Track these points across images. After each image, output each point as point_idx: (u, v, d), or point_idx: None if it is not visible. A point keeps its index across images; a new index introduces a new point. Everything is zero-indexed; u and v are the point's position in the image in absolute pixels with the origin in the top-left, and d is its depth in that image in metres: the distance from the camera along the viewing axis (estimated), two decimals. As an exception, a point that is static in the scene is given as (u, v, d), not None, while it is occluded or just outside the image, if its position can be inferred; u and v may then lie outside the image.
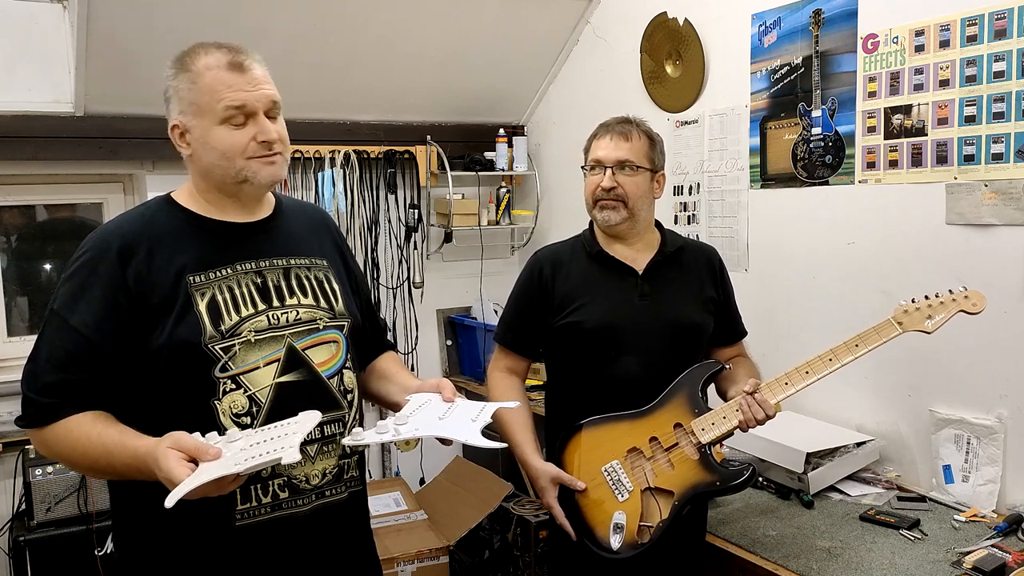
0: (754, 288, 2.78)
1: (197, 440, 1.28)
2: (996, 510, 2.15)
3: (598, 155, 1.99)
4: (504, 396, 2.02)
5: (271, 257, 1.54)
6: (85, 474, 1.47)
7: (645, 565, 1.84)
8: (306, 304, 1.54)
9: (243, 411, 1.42)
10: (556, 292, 2.01)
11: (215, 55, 1.45)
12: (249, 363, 1.44)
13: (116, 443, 1.35)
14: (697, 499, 1.85)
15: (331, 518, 1.53)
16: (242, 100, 1.44)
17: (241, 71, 1.45)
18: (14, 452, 2.98)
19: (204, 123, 1.44)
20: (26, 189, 3.27)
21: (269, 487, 1.44)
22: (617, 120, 2.03)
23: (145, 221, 1.49)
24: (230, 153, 1.45)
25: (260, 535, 1.45)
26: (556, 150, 3.84)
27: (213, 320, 1.43)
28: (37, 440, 1.43)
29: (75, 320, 1.40)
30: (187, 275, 1.45)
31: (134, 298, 1.41)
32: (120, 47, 2.91)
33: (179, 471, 1.23)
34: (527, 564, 3.05)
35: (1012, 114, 2.10)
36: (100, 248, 1.44)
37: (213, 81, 1.43)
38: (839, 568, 1.89)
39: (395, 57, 3.38)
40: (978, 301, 1.80)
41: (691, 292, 2.02)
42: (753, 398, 1.82)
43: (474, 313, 3.95)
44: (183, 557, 1.44)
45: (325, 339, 1.54)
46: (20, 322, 3.35)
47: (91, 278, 1.42)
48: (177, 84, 1.46)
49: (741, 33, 2.82)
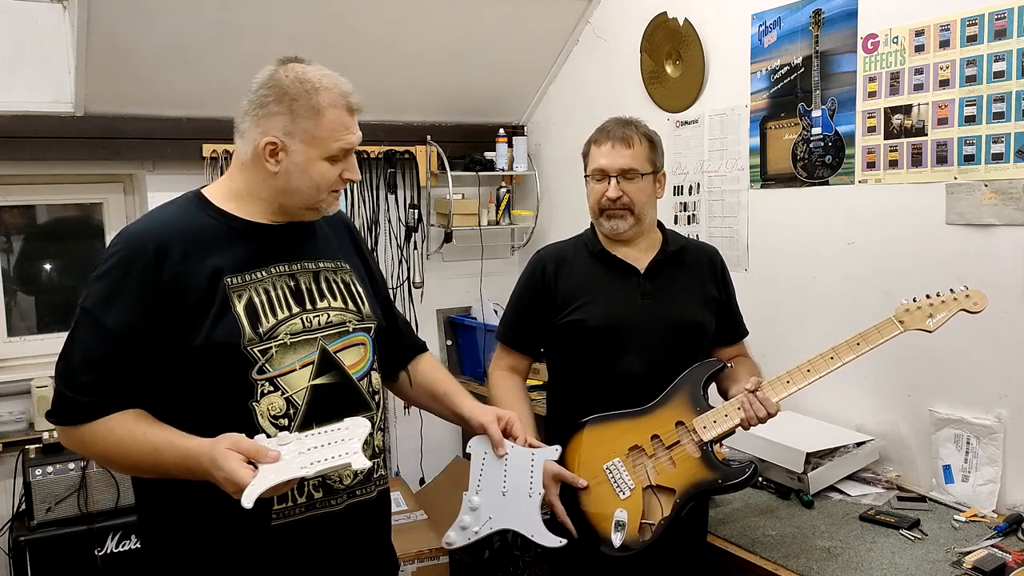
0: (754, 288, 2.78)
1: (256, 442, 1.32)
2: (996, 510, 2.14)
3: (600, 163, 1.97)
4: (506, 395, 2.02)
5: (301, 260, 1.56)
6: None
7: (646, 564, 1.84)
8: (336, 307, 1.56)
9: (280, 413, 1.44)
10: (559, 291, 2.02)
11: (336, 91, 1.49)
12: (285, 365, 1.45)
13: (165, 442, 1.36)
14: (699, 497, 1.85)
15: (362, 516, 1.55)
16: (352, 144, 1.52)
17: (352, 114, 1.52)
18: (14, 452, 2.98)
19: (311, 153, 1.48)
20: (26, 189, 3.28)
21: (304, 487, 1.46)
22: (616, 124, 2.00)
23: (178, 220, 1.49)
24: (323, 185, 1.51)
25: (295, 534, 1.46)
26: (556, 150, 3.84)
27: (251, 322, 1.44)
28: (70, 437, 1.43)
29: (109, 321, 1.39)
30: (224, 276, 1.45)
31: (170, 299, 1.41)
32: (120, 47, 2.91)
33: (242, 472, 1.26)
34: (527, 564, 3.06)
35: (1012, 114, 2.10)
36: (134, 247, 1.43)
37: (335, 120, 1.48)
38: (839, 568, 1.89)
39: (395, 57, 3.38)
40: (979, 300, 1.80)
41: (693, 292, 2.03)
42: (755, 396, 1.82)
43: (474, 313, 3.95)
44: (217, 556, 1.45)
45: (354, 341, 1.57)
46: (20, 322, 3.35)
47: (125, 278, 1.41)
48: (295, 106, 1.45)
49: (741, 33, 2.82)
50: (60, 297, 3.46)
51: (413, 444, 3.81)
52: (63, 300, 3.45)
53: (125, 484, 2.91)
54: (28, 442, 2.99)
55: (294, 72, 1.48)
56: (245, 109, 1.50)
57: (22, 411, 3.15)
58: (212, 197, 1.54)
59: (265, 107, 1.47)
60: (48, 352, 3.31)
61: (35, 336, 3.35)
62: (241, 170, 1.54)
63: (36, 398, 3.06)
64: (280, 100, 1.46)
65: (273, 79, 1.48)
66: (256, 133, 1.47)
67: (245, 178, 1.53)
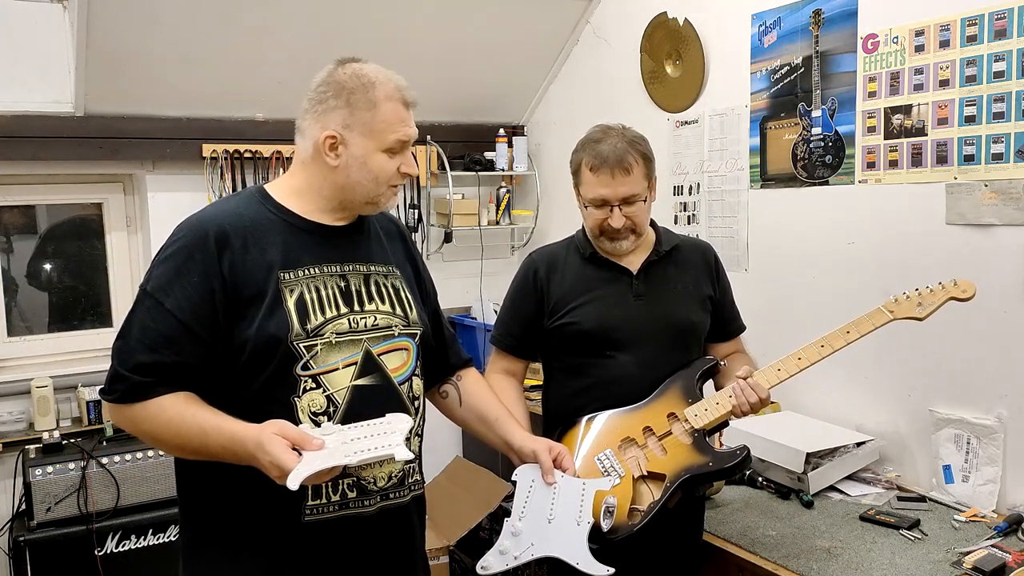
0: (754, 288, 2.78)
1: (301, 430, 1.36)
2: (996, 510, 2.15)
3: (602, 194, 1.90)
4: (502, 399, 2.01)
5: (354, 262, 1.58)
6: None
7: (643, 564, 1.84)
8: (383, 311, 1.58)
9: (320, 410, 1.46)
10: (551, 294, 2.01)
11: (391, 85, 1.54)
12: (329, 363, 1.47)
13: (213, 426, 1.39)
14: (691, 483, 1.81)
15: (394, 520, 1.56)
16: (409, 136, 1.55)
17: (408, 108, 1.56)
18: (14, 452, 2.98)
19: (370, 145, 1.51)
20: (26, 189, 3.28)
21: (339, 486, 1.47)
22: (610, 146, 1.89)
23: (239, 213, 1.51)
24: (382, 178, 1.54)
25: (326, 532, 1.48)
26: (556, 150, 3.83)
27: (300, 318, 1.46)
28: (122, 415, 1.45)
29: (170, 303, 1.42)
30: (277, 270, 1.48)
31: (228, 288, 1.44)
32: (120, 47, 2.91)
33: (287, 457, 1.30)
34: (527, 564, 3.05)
35: (1012, 114, 2.10)
36: (197, 235, 1.46)
37: (392, 112, 1.52)
38: (839, 568, 1.89)
39: (395, 57, 3.34)
40: (967, 288, 1.80)
41: (687, 290, 2.02)
42: (746, 382, 1.82)
43: (474, 313, 3.95)
44: (250, 547, 1.47)
45: (398, 346, 1.58)
46: (20, 322, 3.35)
47: (188, 263, 1.44)
48: (353, 99, 1.49)
49: (741, 33, 2.82)
50: (60, 297, 3.46)
51: (413, 444, 3.80)
52: (63, 300, 3.45)
53: (125, 484, 2.91)
54: (28, 442, 3.00)
55: (351, 69, 1.53)
56: (305, 108, 1.54)
57: (22, 411, 3.15)
58: (274, 193, 1.57)
59: (324, 103, 1.51)
60: (48, 352, 3.32)
61: (35, 336, 3.35)
62: (302, 168, 1.57)
63: (36, 398, 3.06)
64: (338, 95, 1.50)
65: (332, 76, 1.52)
66: (316, 129, 1.51)
67: (306, 175, 1.56)
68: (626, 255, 2.00)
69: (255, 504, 1.42)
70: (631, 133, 1.96)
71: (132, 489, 2.94)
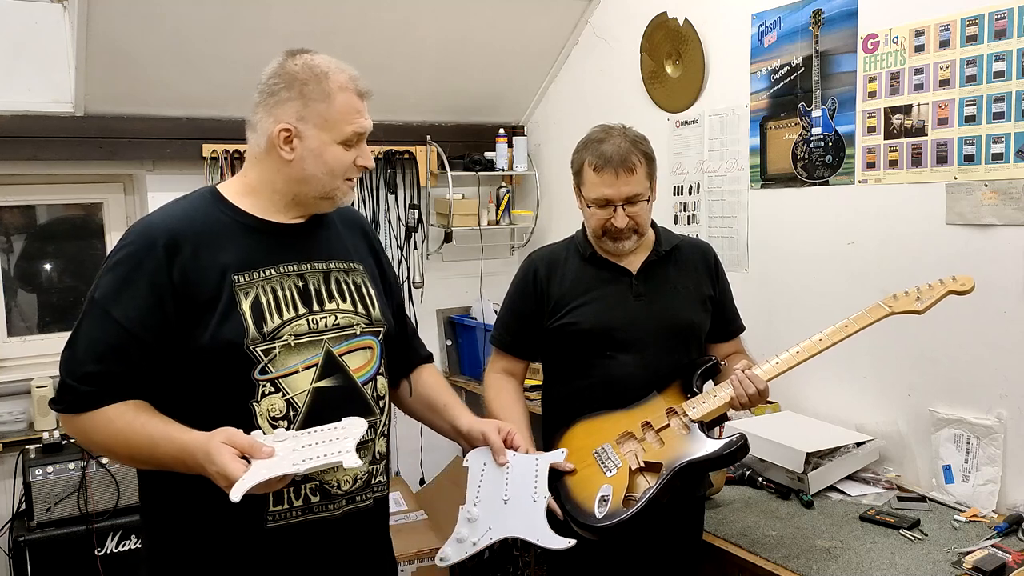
0: (754, 288, 2.78)
1: (251, 438, 1.32)
2: (996, 510, 2.14)
3: (606, 194, 1.90)
4: (500, 398, 2.02)
5: (312, 260, 1.55)
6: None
7: (643, 564, 1.84)
8: (344, 309, 1.55)
9: (280, 415, 1.43)
10: (551, 294, 2.01)
11: (345, 75, 1.50)
12: (288, 367, 1.44)
13: (162, 434, 1.37)
14: (688, 471, 1.78)
15: (359, 523, 1.54)
16: (365, 128, 1.52)
17: (362, 99, 1.52)
18: (14, 452, 2.98)
19: (325, 138, 1.48)
20: (26, 189, 3.28)
21: (301, 491, 1.45)
22: (613, 145, 1.90)
23: (190, 216, 1.48)
24: (338, 171, 1.50)
25: (290, 537, 1.45)
26: (556, 150, 3.83)
27: (256, 321, 1.43)
28: (72, 426, 1.43)
29: (117, 312, 1.39)
30: (231, 273, 1.44)
31: (179, 295, 1.41)
32: (120, 47, 2.91)
33: (234, 467, 1.26)
34: (527, 564, 3.06)
35: (1012, 114, 2.10)
36: (146, 241, 1.43)
37: (346, 104, 1.49)
38: (839, 568, 1.89)
39: (395, 57, 3.38)
40: (966, 282, 1.80)
41: (687, 290, 2.02)
42: (744, 373, 1.82)
43: (474, 313, 3.95)
44: (212, 555, 1.45)
45: (361, 345, 1.55)
46: (20, 322, 3.35)
47: (135, 271, 1.41)
48: (306, 90, 1.46)
49: (741, 33, 2.82)
50: (60, 297, 3.46)
51: (413, 444, 3.80)
52: (63, 300, 3.45)
53: (125, 484, 2.91)
54: (28, 442, 3.00)
55: (302, 60, 1.49)
56: (256, 101, 1.50)
57: (22, 411, 3.15)
58: (227, 193, 1.53)
59: (276, 95, 1.47)
60: (48, 352, 3.31)
61: (35, 336, 3.35)
62: (255, 164, 1.53)
63: (36, 398, 3.06)
64: (291, 86, 1.46)
65: (283, 68, 1.48)
66: (269, 122, 1.47)
67: (259, 171, 1.52)
68: (626, 255, 2.00)
69: (217, 511, 1.35)
70: (633, 133, 1.96)
71: (132, 489, 2.92)
